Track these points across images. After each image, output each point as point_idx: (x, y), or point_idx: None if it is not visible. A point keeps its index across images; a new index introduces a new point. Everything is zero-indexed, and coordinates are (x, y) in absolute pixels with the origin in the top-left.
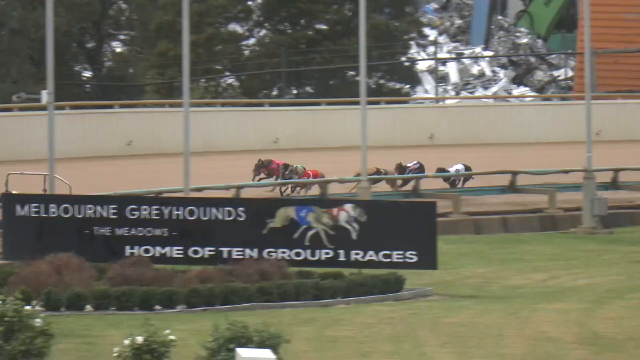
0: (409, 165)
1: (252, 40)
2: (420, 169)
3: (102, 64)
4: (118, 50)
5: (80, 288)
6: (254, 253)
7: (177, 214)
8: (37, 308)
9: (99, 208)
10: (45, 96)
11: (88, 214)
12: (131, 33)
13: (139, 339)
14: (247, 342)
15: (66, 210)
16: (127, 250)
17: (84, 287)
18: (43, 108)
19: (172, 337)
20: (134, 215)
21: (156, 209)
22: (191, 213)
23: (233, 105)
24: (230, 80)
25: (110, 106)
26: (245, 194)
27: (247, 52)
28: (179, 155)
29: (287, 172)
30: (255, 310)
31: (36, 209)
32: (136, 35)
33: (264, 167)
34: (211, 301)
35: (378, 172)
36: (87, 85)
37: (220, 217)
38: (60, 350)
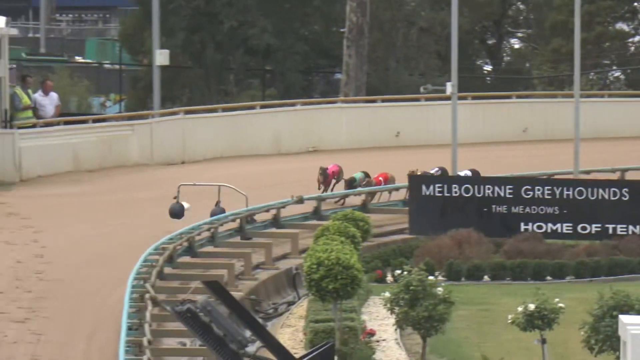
0: (431, 171)
1: (637, 38)
2: (443, 173)
3: (501, 59)
4: (516, 46)
5: (479, 260)
6: (637, 230)
7: (567, 194)
8: (440, 278)
9: (497, 188)
10: (449, 88)
11: (487, 193)
12: (528, 31)
13: (531, 306)
14: (629, 310)
15: (467, 190)
16: (522, 227)
17: (482, 259)
18: (447, 98)
19: (561, 304)
20: (528, 195)
21: (548, 189)
22: (580, 193)
23: (619, 96)
24: (617, 74)
25: (508, 97)
26: (630, 175)
27: (632, 49)
28: (569, 141)
29: (364, 183)
30: (637, 281)
31: (440, 189)
32: (532, 33)
33: (322, 174)
34: (597, 272)
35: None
36: (487, 78)
37: (606, 196)
38: (460, 316)
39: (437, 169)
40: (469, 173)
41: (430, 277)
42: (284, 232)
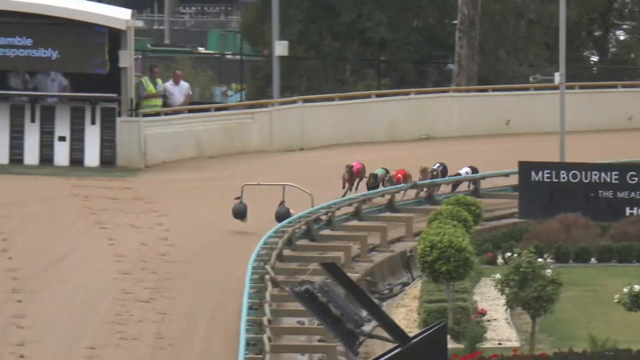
0: (434, 167)
1: None
2: (444, 171)
3: (607, 50)
4: (621, 38)
5: (586, 243)
6: None
7: None
8: (548, 260)
9: (603, 174)
10: (557, 77)
11: (593, 179)
12: (633, 23)
13: (637, 287)
14: None
15: (574, 176)
16: (627, 211)
17: (589, 242)
18: (555, 88)
19: None
20: (633, 180)
21: None
22: None
23: None
24: None
25: (614, 86)
26: None
27: None
28: None
29: (386, 179)
30: None
31: (548, 175)
32: (637, 25)
33: (348, 172)
34: None
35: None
36: (594, 69)
37: None
38: (567, 296)
39: (438, 164)
40: (469, 170)
41: (540, 260)
42: (398, 216)
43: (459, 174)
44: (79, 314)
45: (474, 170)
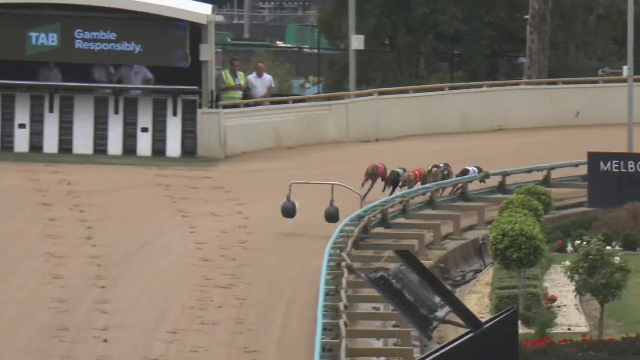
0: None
1: None
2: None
3: None
4: None
5: None
6: None
7: None
8: (617, 248)
9: None
10: (625, 71)
11: None
12: None
13: None
14: None
15: None
16: None
17: None
18: (623, 80)
19: None
20: None
21: None
22: None
23: None
24: None
25: None
26: None
27: None
28: None
29: (401, 179)
30: None
31: (617, 165)
32: None
33: (372, 174)
34: None
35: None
36: None
37: None
38: (635, 283)
39: (442, 164)
40: (475, 169)
41: (608, 247)
42: (471, 205)
43: (467, 171)
44: (160, 300)
45: (479, 170)
